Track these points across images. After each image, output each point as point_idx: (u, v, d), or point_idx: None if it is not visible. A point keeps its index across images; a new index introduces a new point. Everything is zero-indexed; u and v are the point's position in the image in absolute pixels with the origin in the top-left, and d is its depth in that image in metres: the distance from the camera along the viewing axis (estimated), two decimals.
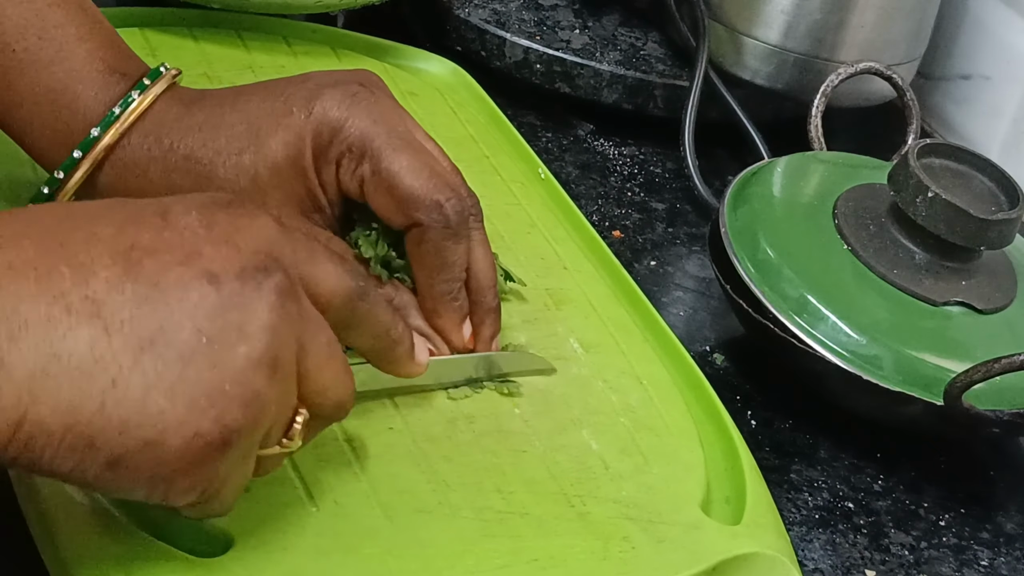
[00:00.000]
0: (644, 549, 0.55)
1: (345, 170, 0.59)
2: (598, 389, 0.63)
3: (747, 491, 0.60)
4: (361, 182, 0.59)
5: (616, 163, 0.91)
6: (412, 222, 0.59)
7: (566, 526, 0.56)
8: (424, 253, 0.59)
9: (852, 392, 0.69)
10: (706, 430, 0.64)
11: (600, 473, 0.59)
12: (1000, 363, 0.64)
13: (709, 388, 0.66)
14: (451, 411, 0.60)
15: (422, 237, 0.59)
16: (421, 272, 0.60)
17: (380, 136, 0.58)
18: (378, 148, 0.58)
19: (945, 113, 1.01)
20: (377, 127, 0.59)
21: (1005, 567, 0.67)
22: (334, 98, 0.59)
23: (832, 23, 0.89)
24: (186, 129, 0.59)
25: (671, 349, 0.68)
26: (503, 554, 0.53)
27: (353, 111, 0.59)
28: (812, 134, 0.82)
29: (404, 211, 0.58)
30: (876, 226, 0.74)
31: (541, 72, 0.92)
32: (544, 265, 0.71)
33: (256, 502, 0.53)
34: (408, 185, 0.58)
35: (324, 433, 0.56)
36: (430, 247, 0.59)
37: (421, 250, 0.59)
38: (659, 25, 0.97)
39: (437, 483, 0.56)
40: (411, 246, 0.60)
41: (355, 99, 0.59)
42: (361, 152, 0.58)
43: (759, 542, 0.57)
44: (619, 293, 0.71)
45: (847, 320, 0.69)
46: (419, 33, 0.95)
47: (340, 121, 0.58)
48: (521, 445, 0.59)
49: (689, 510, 0.58)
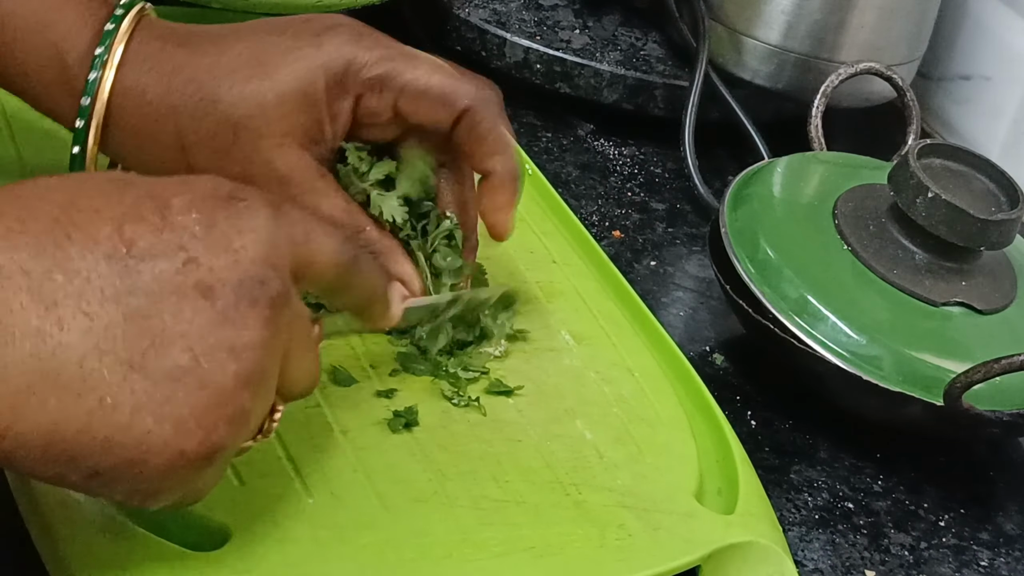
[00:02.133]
0: (640, 537, 0.56)
1: (371, 100, 0.60)
2: (591, 380, 0.64)
3: (739, 482, 0.61)
4: (391, 105, 0.60)
5: (616, 163, 0.91)
6: (458, 111, 0.60)
7: (562, 514, 0.56)
8: (482, 134, 0.60)
9: (852, 392, 0.68)
10: (697, 422, 0.64)
11: (595, 462, 0.59)
12: (1000, 363, 0.64)
13: (699, 380, 0.66)
14: (446, 401, 0.60)
15: (476, 119, 0.60)
16: (484, 156, 0.61)
17: (395, 60, 0.60)
18: (399, 69, 0.59)
19: (945, 113, 1.01)
20: (390, 53, 0.60)
21: (1005, 567, 0.66)
22: (342, 35, 0.60)
23: (832, 23, 0.89)
24: (188, 54, 0.59)
25: (660, 342, 0.68)
26: (500, 542, 0.54)
27: (363, 45, 0.60)
28: (812, 134, 0.82)
29: (445, 107, 0.60)
30: (876, 226, 0.73)
31: (541, 72, 0.92)
32: (533, 259, 0.71)
33: (253, 495, 0.53)
34: (444, 81, 0.60)
35: (320, 425, 0.57)
36: (488, 124, 0.60)
37: (477, 133, 0.60)
38: (659, 25, 0.97)
39: (433, 473, 0.56)
40: (464, 136, 0.60)
41: (361, 36, 0.60)
42: (382, 80, 0.59)
43: (753, 531, 0.58)
44: (608, 286, 0.71)
45: (847, 320, 0.69)
46: (419, 33, 0.95)
47: (353, 54, 0.59)
48: (516, 435, 0.59)
49: (683, 499, 0.58)
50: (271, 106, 0.58)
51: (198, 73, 0.58)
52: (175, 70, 0.58)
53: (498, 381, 0.62)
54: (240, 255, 0.44)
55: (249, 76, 0.58)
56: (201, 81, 0.58)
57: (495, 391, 0.61)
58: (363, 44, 0.60)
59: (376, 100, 0.60)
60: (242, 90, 0.58)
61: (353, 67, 0.59)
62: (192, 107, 0.58)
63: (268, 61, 0.59)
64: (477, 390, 0.61)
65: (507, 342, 0.64)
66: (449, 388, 0.61)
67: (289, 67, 0.58)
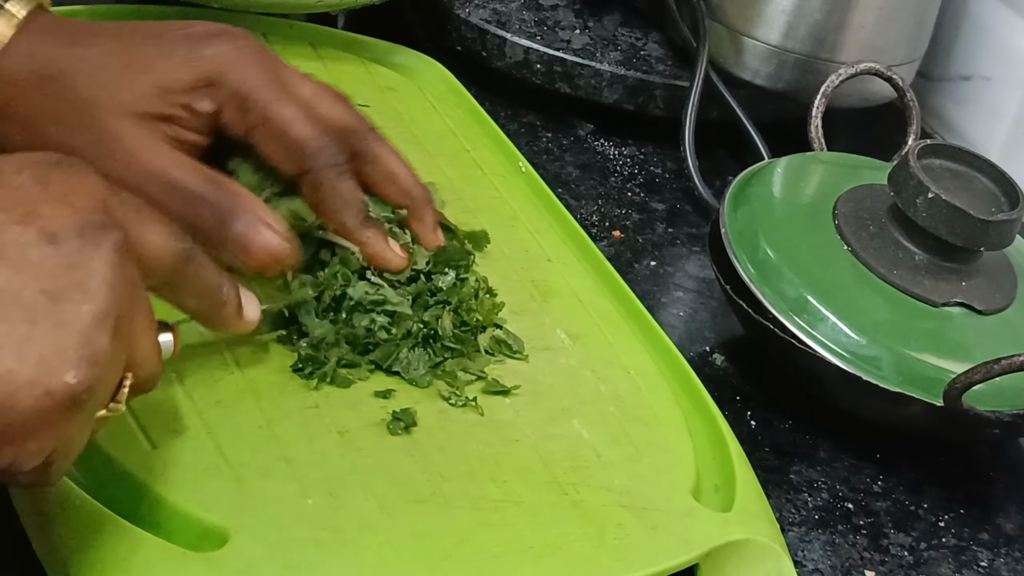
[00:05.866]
0: (638, 536, 0.56)
1: (231, 116, 0.60)
2: (587, 379, 0.64)
3: (736, 479, 0.61)
4: (248, 130, 0.60)
5: (616, 163, 0.91)
6: (305, 168, 0.60)
7: (560, 514, 0.56)
8: (324, 196, 0.61)
9: (852, 392, 0.68)
10: (693, 419, 0.64)
11: (592, 462, 0.59)
12: (1000, 364, 0.64)
13: (695, 378, 0.66)
14: (443, 401, 0.60)
15: (318, 182, 0.60)
16: (328, 215, 0.61)
17: (266, 88, 0.60)
18: (266, 100, 0.60)
19: (945, 114, 1.01)
20: (264, 79, 0.60)
21: (1004, 568, 0.66)
22: (222, 44, 0.60)
23: (832, 24, 0.89)
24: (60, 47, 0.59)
25: (656, 340, 0.68)
26: (499, 543, 0.53)
27: (240, 63, 0.60)
28: (812, 135, 0.82)
29: (294, 160, 0.60)
30: (876, 227, 0.73)
31: (541, 72, 0.92)
32: (528, 257, 0.71)
33: (252, 496, 0.53)
34: (296, 133, 0.60)
35: (318, 426, 0.57)
36: (327, 189, 0.60)
37: (320, 194, 0.61)
38: (659, 25, 0.97)
39: (431, 474, 0.56)
40: (309, 192, 0.61)
41: (240, 50, 0.61)
42: (245, 101, 0.60)
43: (751, 529, 0.58)
44: (603, 285, 0.71)
45: (847, 321, 0.69)
46: (419, 33, 0.95)
47: (225, 68, 0.60)
48: (513, 435, 0.59)
49: (681, 498, 0.58)
50: (122, 84, 0.59)
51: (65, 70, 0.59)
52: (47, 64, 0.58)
53: (495, 381, 0.62)
54: (77, 206, 0.45)
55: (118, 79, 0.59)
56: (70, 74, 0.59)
57: (492, 391, 0.61)
58: (242, 62, 0.60)
59: (235, 118, 0.60)
60: (111, 87, 0.59)
61: (221, 79, 0.60)
62: (51, 107, 0.58)
63: (135, 64, 0.59)
64: (474, 390, 0.61)
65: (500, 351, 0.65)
66: (446, 388, 0.61)
67: (158, 68, 0.59)
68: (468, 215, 0.72)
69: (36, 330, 0.43)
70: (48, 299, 0.43)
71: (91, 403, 0.45)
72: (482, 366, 0.62)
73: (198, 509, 0.52)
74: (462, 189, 0.75)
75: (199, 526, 0.51)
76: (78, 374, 0.43)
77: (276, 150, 0.60)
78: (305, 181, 0.61)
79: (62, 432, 0.44)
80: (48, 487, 0.49)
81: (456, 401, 0.60)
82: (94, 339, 0.44)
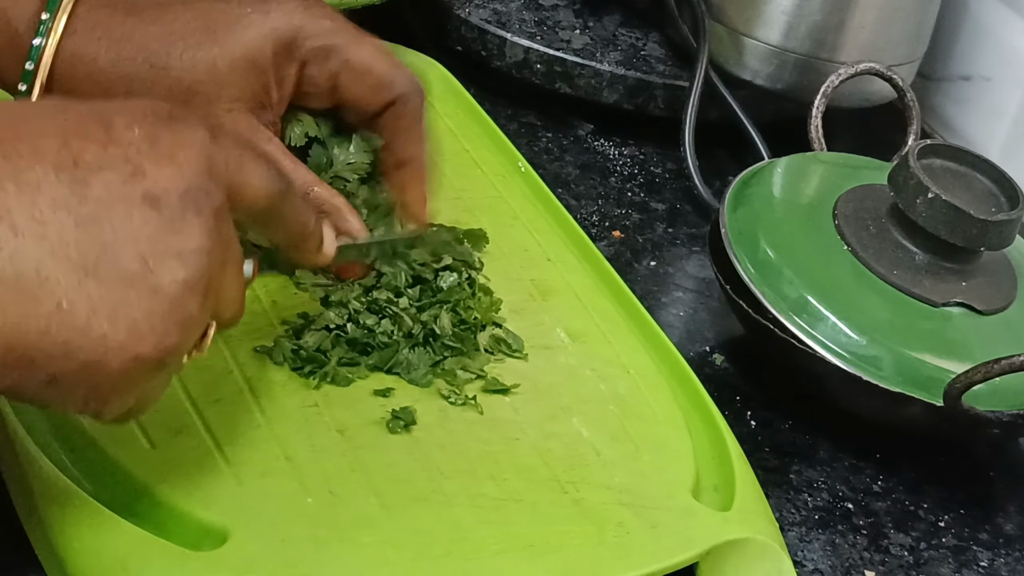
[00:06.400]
0: (638, 534, 0.56)
1: (314, 69, 0.62)
2: (586, 378, 0.64)
3: (735, 479, 0.61)
4: (332, 76, 0.62)
5: (616, 163, 0.91)
6: (392, 97, 0.63)
7: (561, 512, 0.56)
8: (408, 124, 0.63)
9: (852, 393, 0.68)
10: (693, 418, 0.64)
11: (592, 460, 0.59)
12: (1000, 364, 0.64)
13: (694, 377, 0.66)
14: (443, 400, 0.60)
15: (403, 110, 0.63)
16: (406, 144, 0.64)
17: (341, 33, 0.62)
18: (344, 44, 0.62)
19: (945, 114, 1.01)
20: (337, 26, 0.62)
21: (1004, 568, 0.66)
22: (289, 4, 0.62)
23: (832, 24, 0.89)
24: (137, 22, 0.60)
25: (655, 339, 0.68)
26: (499, 540, 0.54)
27: (310, 14, 0.62)
28: (812, 135, 0.82)
29: (381, 91, 0.63)
30: (876, 227, 0.73)
31: (541, 72, 0.92)
32: (528, 257, 0.71)
33: (252, 495, 0.53)
34: (382, 68, 0.63)
35: (318, 424, 0.57)
36: (412, 117, 0.63)
37: (404, 122, 0.63)
38: (659, 25, 0.97)
39: (431, 471, 0.56)
40: (391, 121, 0.63)
41: (309, 5, 0.62)
42: (327, 51, 0.62)
43: (750, 527, 0.58)
44: (602, 284, 0.71)
45: (847, 321, 0.69)
46: (419, 33, 0.95)
47: (301, 23, 0.61)
48: (513, 433, 0.59)
49: (681, 496, 0.58)
50: (221, 72, 0.60)
51: (148, 41, 0.59)
52: (124, 37, 0.59)
53: (494, 379, 0.62)
54: (184, 167, 0.45)
55: (199, 43, 0.60)
56: (151, 49, 0.59)
57: (491, 389, 0.61)
58: (311, 13, 0.62)
59: (318, 70, 0.62)
60: (192, 57, 0.59)
61: (301, 35, 0.61)
62: (143, 75, 0.59)
63: (217, 28, 0.60)
64: (474, 388, 0.61)
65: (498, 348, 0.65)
66: (446, 386, 0.61)
67: (238, 34, 0.60)
68: (467, 214, 0.72)
69: (131, 294, 0.43)
70: (145, 264, 0.43)
71: (176, 361, 0.45)
72: (482, 365, 0.62)
73: (198, 508, 0.52)
74: (461, 189, 0.75)
75: (199, 525, 0.51)
76: (167, 340, 0.44)
77: (362, 89, 0.63)
78: (390, 112, 0.63)
79: (144, 389, 0.46)
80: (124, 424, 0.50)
81: (456, 399, 0.60)
82: (185, 305, 0.44)
